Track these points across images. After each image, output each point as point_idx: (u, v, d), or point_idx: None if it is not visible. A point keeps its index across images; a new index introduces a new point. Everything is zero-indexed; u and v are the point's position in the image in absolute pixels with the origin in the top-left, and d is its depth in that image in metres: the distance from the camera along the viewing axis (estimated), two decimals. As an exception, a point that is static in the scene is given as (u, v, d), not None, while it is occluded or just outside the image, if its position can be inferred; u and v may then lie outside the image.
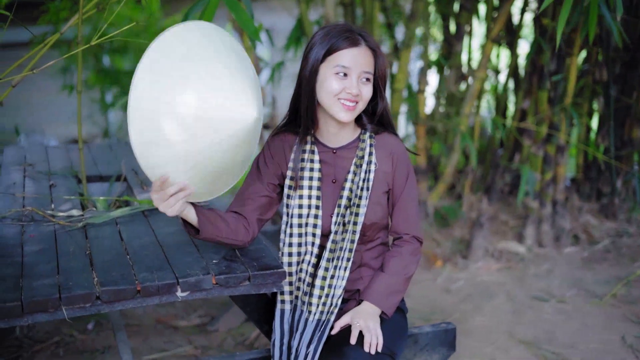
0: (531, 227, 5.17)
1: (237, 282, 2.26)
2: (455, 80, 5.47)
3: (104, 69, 8.77)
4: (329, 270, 2.39)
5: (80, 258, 2.36)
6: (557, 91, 4.99)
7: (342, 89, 2.27)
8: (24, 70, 2.94)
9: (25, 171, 3.46)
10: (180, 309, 4.32)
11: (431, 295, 4.49)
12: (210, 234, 2.26)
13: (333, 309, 2.38)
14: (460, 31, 5.41)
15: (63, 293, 2.09)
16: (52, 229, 2.64)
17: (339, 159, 2.44)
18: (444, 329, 2.75)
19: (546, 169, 5.16)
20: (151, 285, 2.16)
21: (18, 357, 3.68)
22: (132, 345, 3.82)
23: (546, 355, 3.68)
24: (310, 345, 2.32)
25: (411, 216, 2.49)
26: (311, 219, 2.41)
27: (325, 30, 2.34)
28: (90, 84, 8.64)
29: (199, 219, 2.22)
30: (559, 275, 4.74)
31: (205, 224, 2.24)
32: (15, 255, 2.38)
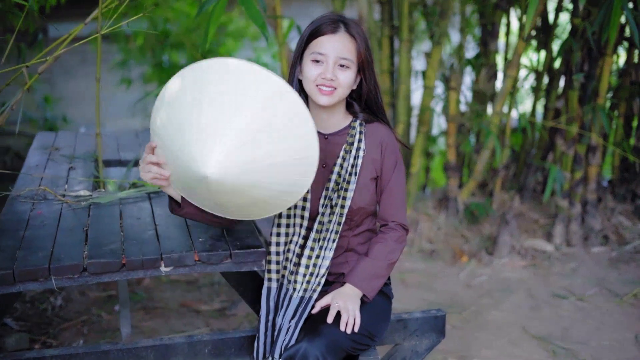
0: (560, 226, 5.15)
1: (218, 259, 2.38)
2: (488, 79, 5.47)
3: (161, 64, 8.97)
4: (314, 250, 2.48)
5: (77, 234, 2.51)
6: (586, 91, 4.96)
7: (318, 74, 2.37)
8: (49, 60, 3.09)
9: (50, 155, 3.64)
10: (205, 294, 4.47)
11: (452, 289, 4.53)
12: (194, 210, 2.36)
13: (316, 287, 2.47)
14: (495, 30, 5.42)
15: (53, 264, 2.24)
16: (60, 207, 2.80)
17: (330, 144, 2.53)
18: (433, 315, 2.81)
19: (576, 169, 5.13)
20: (136, 260, 2.30)
21: (46, 333, 3.86)
22: (152, 326, 3.98)
23: (556, 350, 3.70)
24: (292, 320, 2.43)
25: (397, 204, 2.57)
26: (300, 202, 2.51)
27: (313, 20, 2.44)
28: (148, 79, 8.84)
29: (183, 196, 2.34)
30: (583, 274, 4.73)
31: (189, 202, 2.34)
32: (20, 230, 2.55)
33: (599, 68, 4.95)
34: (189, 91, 2.08)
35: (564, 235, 5.16)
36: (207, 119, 2.04)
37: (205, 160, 2.05)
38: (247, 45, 9.25)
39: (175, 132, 2.11)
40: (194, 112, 2.06)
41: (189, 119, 2.07)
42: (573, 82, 4.98)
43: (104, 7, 3.10)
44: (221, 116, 2.04)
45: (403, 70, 5.34)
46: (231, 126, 2.03)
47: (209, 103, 2.04)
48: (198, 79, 2.07)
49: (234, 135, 2.03)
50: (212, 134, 2.04)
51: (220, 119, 2.03)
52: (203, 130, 2.04)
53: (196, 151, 2.06)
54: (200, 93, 2.06)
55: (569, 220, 5.18)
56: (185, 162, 2.11)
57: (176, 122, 2.10)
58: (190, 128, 2.06)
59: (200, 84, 2.06)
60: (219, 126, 2.04)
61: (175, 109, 2.11)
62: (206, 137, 2.04)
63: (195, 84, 2.07)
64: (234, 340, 2.62)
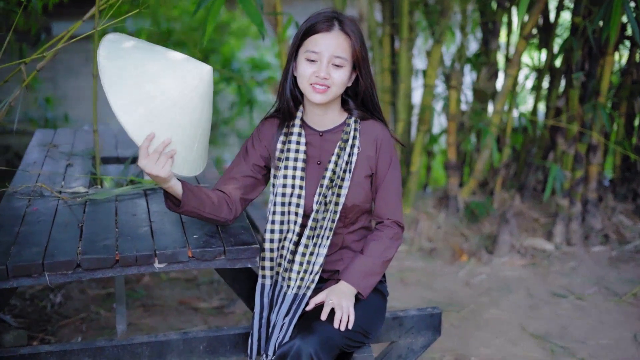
0: (560, 225, 5.14)
1: (212, 256, 2.38)
2: (488, 77, 5.47)
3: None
4: (308, 247, 2.48)
5: (72, 230, 2.51)
6: (587, 90, 4.95)
7: (312, 73, 2.37)
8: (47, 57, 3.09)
9: (48, 151, 3.65)
10: (204, 292, 4.47)
11: (451, 288, 4.53)
12: (193, 207, 2.36)
13: (310, 284, 2.47)
14: (495, 28, 5.41)
15: (46, 260, 2.25)
16: (56, 203, 2.80)
17: (325, 141, 2.53)
18: (429, 313, 2.80)
19: (577, 168, 5.13)
20: (129, 256, 2.30)
21: (44, 330, 3.87)
22: (150, 323, 3.99)
23: (554, 349, 3.70)
24: (286, 317, 2.43)
25: (393, 201, 2.57)
26: (294, 199, 2.51)
27: (309, 17, 2.44)
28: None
29: (184, 192, 2.33)
30: (582, 273, 4.72)
31: (189, 197, 2.34)
32: (15, 225, 2.55)
33: (599, 67, 4.94)
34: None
35: (564, 235, 5.15)
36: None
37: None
38: (250, 44, 9.26)
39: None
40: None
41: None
42: (574, 81, 4.97)
43: (102, 5, 3.10)
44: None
45: (403, 69, 5.33)
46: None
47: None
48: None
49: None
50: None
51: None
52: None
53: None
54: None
55: (569, 220, 5.17)
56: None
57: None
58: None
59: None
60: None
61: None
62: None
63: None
64: (229, 337, 2.62)
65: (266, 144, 2.57)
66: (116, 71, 2.18)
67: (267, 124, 2.60)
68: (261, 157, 2.57)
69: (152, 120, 2.17)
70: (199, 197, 2.37)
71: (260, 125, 2.62)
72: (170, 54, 2.30)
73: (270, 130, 2.58)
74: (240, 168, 2.55)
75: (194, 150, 2.32)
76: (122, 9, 4.25)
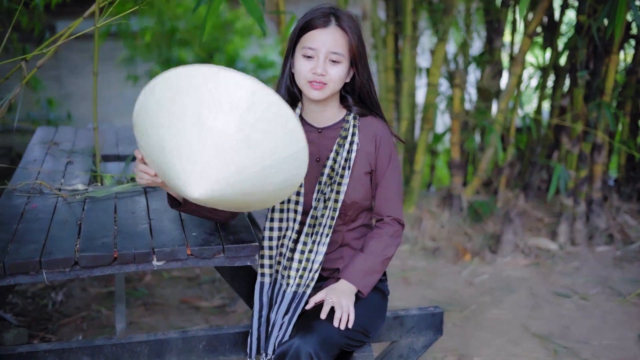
0: (565, 224, 5.12)
1: (211, 253, 2.36)
2: (492, 76, 5.44)
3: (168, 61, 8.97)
4: (307, 245, 2.46)
5: (70, 227, 2.50)
6: (592, 89, 4.93)
7: (309, 69, 2.35)
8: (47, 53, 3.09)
9: (49, 149, 3.64)
10: (205, 290, 4.46)
11: (453, 287, 4.51)
12: (193, 207, 2.35)
13: (309, 282, 2.45)
14: (500, 27, 5.38)
15: (44, 257, 2.23)
16: (55, 201, 2.79)
17: (323, 138, 2.51)
18: (430, 312, 2.78)
19: (581, 167, 5.10)
20: (127, 254, 2.29)
21: (45, 329, 3.86)
22: (150, 322, 3.97)
23: (557, 349, 3.68)
24: (286, 315, 2.41)
25: (392, 198, 2.54)
26: (293, 196, 2.49)
27: (306, 13, 2.42)
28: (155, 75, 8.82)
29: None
30: (586, 273, 4.70)
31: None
32: (13, 223, 2.54)
33: (604, 66, 4.91)
34: (162, 108, 1.96)
35: (568, 234, 5.12)
36: (182, 138, 1.94)
37: (190, 182, 1.97)
38: (254, 43, 9.25)
39: (157, 152, 2.03)
40: (170, 130, 1.96)
41: (165, 138, 1.97)
42: (578, 79, 4.94)
43: (102, 2, 3.09)
44: (197, 133, 1.93)
45: (407, 67, 5.31)
46: (210, 142, 1.93)
47: (181, 119, 1.93)
48: (167, 92, 1.94)
49: (214, 152, 1.94)
50: (190, 155, 1.95)
51: (196, 136, 1.93)
52: (181, 152, 1.96)
53: (179, 173, 1.98)
54: (172, 107, 1.94)
55: (573, 219, 5.14)
56: (173, 181, 2.04)
57: (155, 141, 2.01)
58: (169, 148, 1.98)
59: (171, 98, 1.94)
60: (195, 145, 1.94)
61: (150, 127, 2.00)
62: (186, 159, 1.96)
63: (166, 99, 1.95)
64: (229, 336, 2.60)
65: (265, 141, 2.55)
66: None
67: (265, 122, 2.58)
68: None
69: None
70: None
71: (260, 122, 2.60)
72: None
73: (269, 127, 2.56)
74: None
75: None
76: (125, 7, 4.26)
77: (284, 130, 1.99)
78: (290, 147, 2.02)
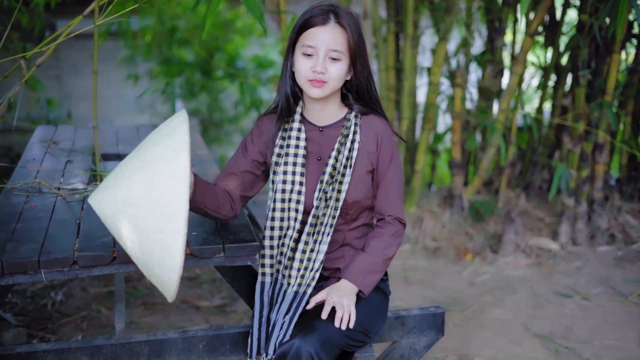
0: (566, 224, 5.10)
1: (211, 253, 2.34)
2: (494, 75, 5.42)
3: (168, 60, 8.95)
4: (309, 244, 2.45)
5: (69, 226, 2.48)
6: (593, 88, 4.91)
7: (309, 68, 2.33)
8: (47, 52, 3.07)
9: (48, 148, 3.62)
10: (206, 290, 4.44)
11: (454, 287, 4.49)
12: (198, 203, 2.32)
13: (310, 282, 2.43)
14: (501, 26, 5.36)
15: (42, 257, 2.22)
16: (54, 200, 2.77)
17: (325, 137, 2.49)
18: (432, 312, 2.76)
19: (583, 167, 5.08)
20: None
21: (44, 329, 3.85)
22: (150, 321, 3.96)
23: (558, 349, 3.66)
24: (287, 315, 2.39)
25: (394, 197, 2.53)
26: (294, 195, 2.47)
27: (305, 11, 2.40)
28: (155, 75, 8.81)
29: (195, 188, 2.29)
30: (588, 273, 4.68)
31: (194, 199, 2.30)
32: (12, 222, 2.53)
33: (606, 65, 4.90)
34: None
35: (569, 234, 5.11)
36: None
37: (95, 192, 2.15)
38: (255, 42, 9.23)
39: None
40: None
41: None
42: (580, 79, 4.92)
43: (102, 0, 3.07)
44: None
45: (408, 67, 5.30)
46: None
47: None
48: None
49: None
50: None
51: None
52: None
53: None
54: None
55: (575, 219, 5.13)
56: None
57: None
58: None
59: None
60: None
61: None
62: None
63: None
64: (229, 336, 2.59)
65: (266, 139, 2.53)
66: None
67: (266, 120, 2.56)
68: (260, 153, 2.53)
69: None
70: (203, 199, 2.33)
71: (260, 121, 2.58)
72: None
73: (270, 126, 2.54)
74: (239, 163, 2.52)
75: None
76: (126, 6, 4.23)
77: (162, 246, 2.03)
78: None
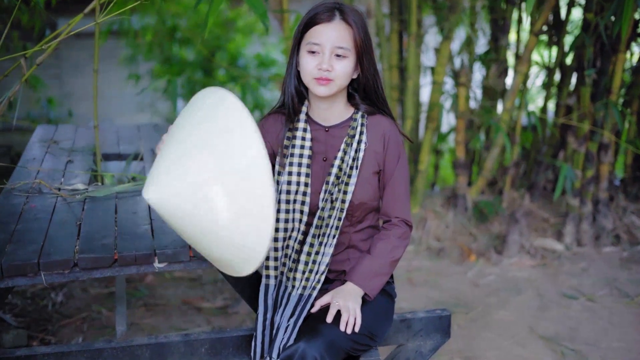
0: (571, 225, 5.06)
1: (214, 256, 2.29)
2: (498, 75, 5.38)
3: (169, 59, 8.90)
4: (314, 247, 2.40)
5: (70, 228, 2.44)
6: (599, 88, 4.86)
7: (315, 65, 2.29)
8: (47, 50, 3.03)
9: (49, 148, 3.58)
10: (208, 291, 4.40)
11: (459, 288, 4.45)
12: None
13: (315, 285, 2.39)
14: (505, 25, 5.32)
15: (42, 259, 2.17)
16: (54, 201, 2.73)
17: (330, 137, 2.45)
18: (438, 315, 2.71)
19: (588, 167, 5.04)
20: (128, 255, 2.23)
21: (44, 330, 3.81)
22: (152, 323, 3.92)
23: (564, 351, 3.62)
24: (291, 318, 2.35)
25: (401, 199, 2.49)
26: (299, 196, 2.43)
27: (310, 9, 2.36)
28: (157, 74, 8.76)
29: None
30: (593, 274, 4.64)
31: None
32: (11, 223, 2.49)
33: (611, 64, 4.85)
34: (189, 118, 2.04)
35: (574, 235, 5.06)
36: (174, 151, 2.00)
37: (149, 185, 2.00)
38: (256, 41, 9.19)
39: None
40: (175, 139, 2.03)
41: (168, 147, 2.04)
42: (585, 78, 4.88)
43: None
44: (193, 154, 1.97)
45: (411, 66, 5.26)
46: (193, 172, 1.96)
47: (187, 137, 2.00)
48: (198, 111, 2.03)
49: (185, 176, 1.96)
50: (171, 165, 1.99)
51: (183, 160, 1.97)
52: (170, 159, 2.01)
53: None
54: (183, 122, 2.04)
55: (579, 220, 5.09)
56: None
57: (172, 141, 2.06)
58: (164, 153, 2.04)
59: (202, 117, 2.01)
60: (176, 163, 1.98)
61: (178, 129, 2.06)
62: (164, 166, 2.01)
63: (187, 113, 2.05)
64: (232, 339, 2.54)
65: (270, 139, 2.49)
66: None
67: (271, 120, 2.52)
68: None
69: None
70: None
71: (264, 121, 2.54)
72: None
73: (275, 125, 2.50)
74: None
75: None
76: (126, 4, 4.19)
77: (257, 209, 1.94)
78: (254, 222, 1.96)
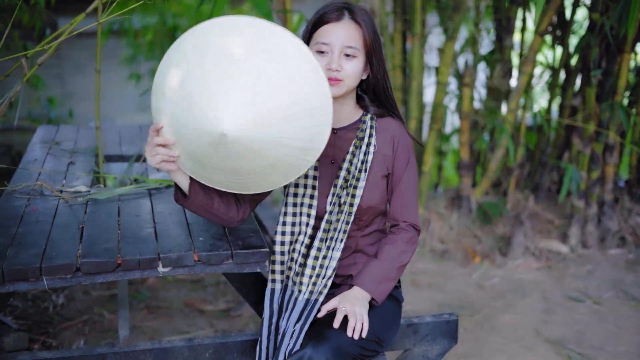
0: (576, 226, 5.02)
1: (219, 259, 2.26)
2: (502, 75, 5.34)
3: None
4: (321, 251, 2.37)
5: (72, 231, 2.40)
6: (604, 88, 4.82)
7: (323, 66, 2.25)
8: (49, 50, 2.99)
9: (50, 149, 3.54)
10: (210, 294, 4.36)
11: (464, 291, 4.41)
12: (200, 201, 2.25)
13: (322, 289, 2.35)
14: (510, 25, 5.28)
15: (44, 263, 2.13)
16: (56, 203, 2.69)
17: (339, 139, 2.41)
18: (445, 319, 2.68)
19: (593, 168, 5.00)
20: (132, 259, 2.19)
21: (45, 333, 3.77)
22: (154, 326, 3.88)
23: (571, 355, 3.59)
24: (297, 323, 2.31)
25: (409, 203, 2.45)
26: (307, 199, 2.39)
27: (319, 8, 2.33)
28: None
29: (191, 184, 2.22)
30: (599, 276, 4.60)
31: (197, 191, 2.23)
32: (12, 226, 2.44)
33: (617, 65, 4.81)
34: (197, 49, 2.00)
35: (579, 237, 5.03)
36: (214, 77, 1.96)
37: (219, 117, 1.94)
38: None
39: (185, 96, 2.00)
40: (202, 73, 1.98)
41: (196, 82, 1.98)
42: (590, 79, 4.84)
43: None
44: (227, 73, 1.96)
45: (415, 66, 5.22)
46: (238, 82, 1.95)
47: (215, 62, 1.97)
48: (202, 38, 2.00)
49: (241, 90, 1.95)
50: (220, 92, 1.95)
51: (227, 75, 1.96)
52: (211, 89, 1.96)
53: (207, 111, 1.96)
54: (206, 50, 1.99)
55: (585, 221, 5.05)
56: (198, 127, 2.00)
57: (187, 84, 2.00)
58: (199, 88, 1.98)
59: (205, 43, 1.99)
60: (225, 83, 1.95)
61: (184, 70, 2.00)
62: (216, 96, 1.95)
63: (200, 44, 2.00)
64: (236, 344, 2.51)
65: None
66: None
67: (276, 122, 2.48)
68: None
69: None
70: (207, 193, 2.26)
71: (270, 123, 2.49)
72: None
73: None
74: None
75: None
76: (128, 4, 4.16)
77: (311, 82, 2.01)
78: (316, 100, 2.03)
